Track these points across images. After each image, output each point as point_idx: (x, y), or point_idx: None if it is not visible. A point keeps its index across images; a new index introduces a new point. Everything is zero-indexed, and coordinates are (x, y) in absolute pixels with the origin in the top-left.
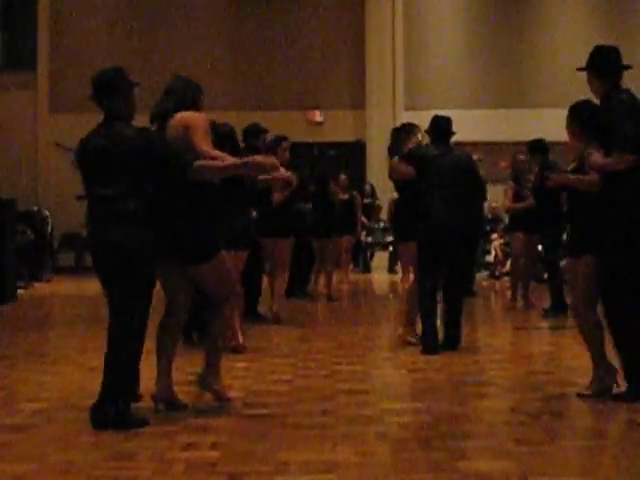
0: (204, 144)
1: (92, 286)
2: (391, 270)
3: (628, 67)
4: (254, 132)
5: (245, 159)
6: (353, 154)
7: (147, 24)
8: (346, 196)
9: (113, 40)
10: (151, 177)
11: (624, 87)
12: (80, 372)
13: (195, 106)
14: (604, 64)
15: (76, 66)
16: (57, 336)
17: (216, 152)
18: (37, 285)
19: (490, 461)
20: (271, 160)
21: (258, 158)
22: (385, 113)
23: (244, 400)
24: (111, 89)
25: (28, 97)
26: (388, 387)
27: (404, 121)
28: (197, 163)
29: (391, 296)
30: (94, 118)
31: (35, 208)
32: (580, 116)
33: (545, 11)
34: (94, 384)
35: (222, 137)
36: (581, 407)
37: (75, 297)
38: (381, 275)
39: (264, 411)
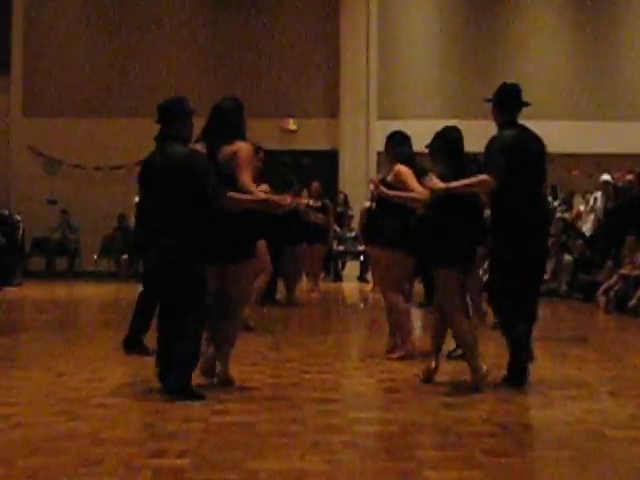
0: (245, 175)
1: (62, 291)
2: (362, 279)
3: (526, 104)
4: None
5: (266, 198)
6: (326, 163)
7: (123, 30)
8: (319, 204)
9: (88, 45)
10: (190, 192)
11: (518, 123)
12: (49, 377)
13: (241, 128)
14: (503, 100)
15: (50, 70)
16: (27, 341)
17: (252, 187)
18: (7, 289)
19: (459, 471)
20: (287, 200)
21: (277, 198)
22: (358, 122)
23: (212, 407)
24: (171, 115)
25: (1, 101)
26: (357, 396)
27: (377, 130)
28: (229, 194)
29: (362, 305)
30: (67, 122)
31: (6, 212)
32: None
33: (520, 18)
34: (63, 389)
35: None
36: (549, 418)
37: (45, 302)
38: (352, 284)
39: (233, 419)
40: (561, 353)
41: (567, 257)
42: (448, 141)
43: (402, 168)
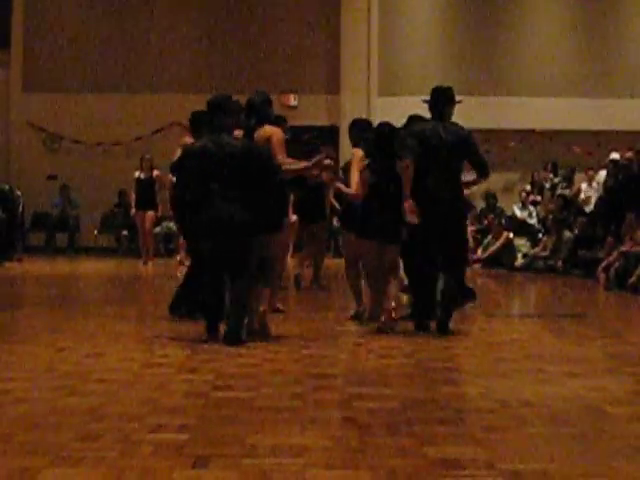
0: (281, 154)
1: (62, 266)
2: None
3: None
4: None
5: (312, 160)
6: (327, 139)
7: (123, 5)
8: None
9: (88, 20)
10: (251, 175)
11: (450, 122)
12: (49, 352)
13: (268, 116)
14: (431, 101)
15: (50, 45)
16: (27, 316)
17: (288, 159)
18: (8, 265)
19: (458, 447)
20: (329, 162)
21: (322, 159)
22: (359, 98)
23: (213, 383)
24: (218, 109)
25: (1, 76)
26: (357, 372)
27: (377, 107)
28: (284, 167)
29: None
30: (67, 98)
31: (6, 187)
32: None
33: None
34: (63, 364)
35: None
36: (548, 394)
37: (45, 277)
38: None
39: (233, 394)
40: (560, 329)
41: (567, 234)
42: (378, 136)
43: (357, 153)
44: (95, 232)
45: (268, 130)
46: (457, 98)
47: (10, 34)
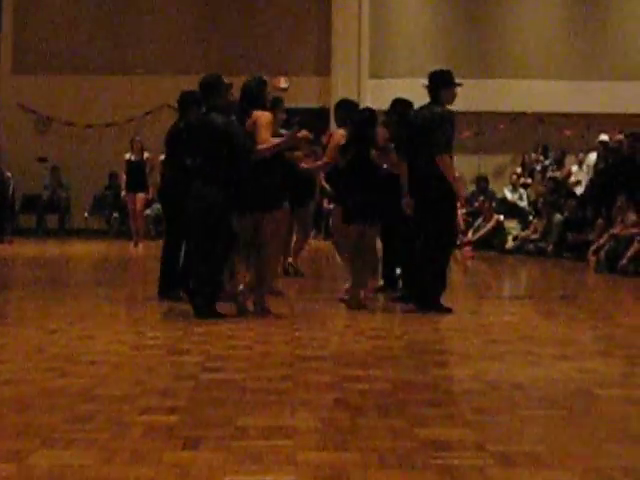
0: (263, 134)
1: (53, 248)
2: None
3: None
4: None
5: (290, 134)
6: (317, 120)
7: None
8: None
9: (79, 1)
10: (228, 154)
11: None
12: (40, 334)
13: (261, 101)
14: (429, 84)
15: (40, 27)
16: (17, 298)
17: (270, 139)
18: None
19: (448, 429)
20: (305, 133)
21: (295, 132)
22: (350, 80)
23: (203, 365)
24: (210, 89)
25: None
26: (347, 354)
27: (368, 89)
28: (257, 147)
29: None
30: (58, 79)
31: None
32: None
33: None
34: (54, 346)
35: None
36: (539, 376)
37: (36, 259)
38: None
39: (223, 376)
40: (551, 312)
41: (558, 216)
42: (359, 120)
43: (337, 134)
44: (85, 214)
45: (256, 115)
46: (457, 81)
47: (0, 16)
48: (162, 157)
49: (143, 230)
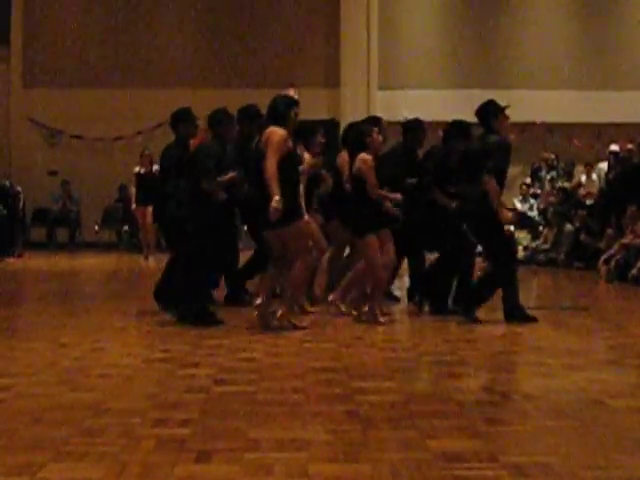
0: (270, 155)
1: (63, 261)
2: None
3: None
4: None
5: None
6: (327, 132)
7: (123, 0)
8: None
9: (88, 15)
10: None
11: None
12: (51, 348)
13: (284, 120)
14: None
15: (50, 40)
16: (28, 311)
17: (271, 172)
18: (8, 260)
19: (460, 440)
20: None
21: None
22: (359, 92)
23: (215, 377)
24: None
25: (1, 71)
26: (359, 365)
27: (377, 100)
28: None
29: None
30: (67, 93)
31: (7, 183)
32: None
33: None
34: (65, 359)
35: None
36: (551, 387)
37: (46, 272)
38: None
39: (235, 388)
40: (562, 322)
41: (568, 226)
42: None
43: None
44: (96, 227)
45: (269, 131)
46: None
47: (10, 30)
48: None
49: (153, 243)
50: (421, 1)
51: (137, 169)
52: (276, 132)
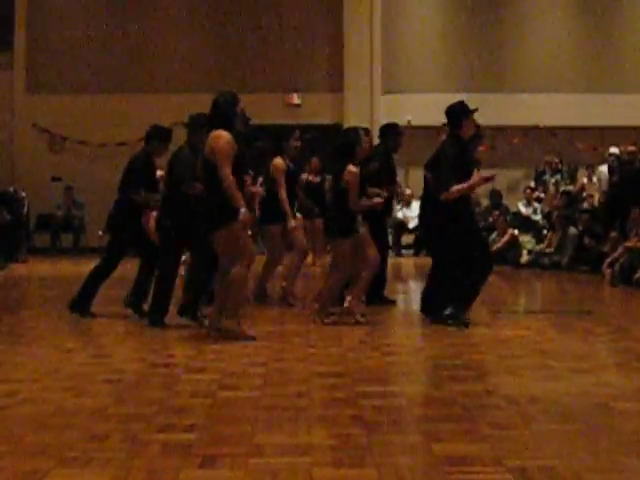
0: (224, 167)
1: (67, 267)
2: None
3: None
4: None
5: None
6: (331, 137)
7: (127, 6)
8: (317, 179)
9: (91, 20)
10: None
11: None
12: (55, 353)
13: (228, 119)
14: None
15: (53, 46)
16: (33, 317)
17: (228, 181)
18: (13, 266)
19: (465, 444)
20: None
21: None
22: (363, 96)
23: (219, 382)
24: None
25: (5, 77)
26: (363, 370)
27: (381, 105)
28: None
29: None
30: (71, 98)
31: (11, 189)
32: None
33: None
34: (70, 365)
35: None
36: (555, 390)
37: (51, 278)
38: None
39: (239, 393)
40: (567, 325)
41: (572, 230)
42: (341, 144)
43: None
44: (100, 233)
45: (213, 136)
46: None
47: (13, 36)
48: None
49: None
50: (424, 5)
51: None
52: (220, 137)
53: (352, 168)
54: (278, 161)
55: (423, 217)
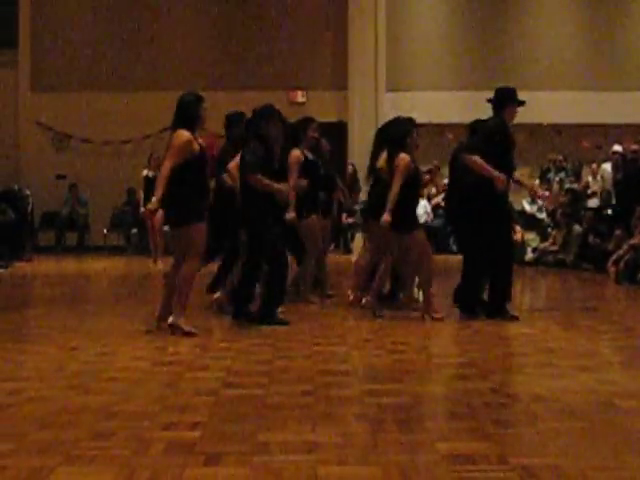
0: (167, 161)
1: (72, 265)
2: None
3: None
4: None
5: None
6: (335, 135)
7: (130, 4)
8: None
9: (95, 18)
10: None
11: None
12: (60, 351)
13: (192, 119)
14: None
15: (57, 44)
16: (37, 315)
17: (163, 173)
18: (17, 264)
19: (469, 442)
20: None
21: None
22: (367, 94)
23: (224, 380)
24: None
25: (9, 76)
26: (368, 368)
27: (385, 102)
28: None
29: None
30: (75, 97)
31: (16, 187)
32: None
33: None
34: (74, 363)
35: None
36: (560, 388)
37: (55, 276)
38: None
39: (244, 391)
40: (571, 323)
41: (577, 227)
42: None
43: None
44: (104, 231)
45: (175, 135)
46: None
47: (17, 34)
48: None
49: (162, 246)
50: (428, 3)
51: (145, 172)
52: (180, 135)
53: (404, 155)
54: (295, 152)
55: (451, 214)
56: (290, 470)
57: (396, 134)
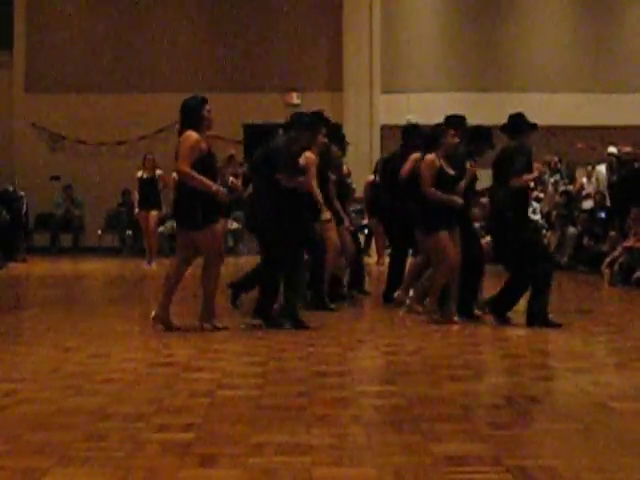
0: (182, 163)
1: (67, 266)
2: (365, 252)
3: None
4: None
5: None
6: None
7: (125, 5)
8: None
9: (90, 20)
10: None
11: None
12: (54, 352)
13: (198, 121)
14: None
15: (52, 46)
16: (32, 317)
17: (184, 174)
18: (12, 265)
19: (464, 444)
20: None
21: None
22: (362, 96)
23: (218, 382)
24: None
25: (4, 77)
26: (363, 370)
27: (380, 104)
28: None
29: (366, 279)
30: (70, 98)
31: (10, 188)
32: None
33: None
34: (69, 364)
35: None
36: (554, 390)
37: (50, 277)
38: None
39: (238, 393)
40: (566, 325)
41: (571, 229)
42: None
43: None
44: (99, 232)
45: (182, 136)
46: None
47: (12, 35)
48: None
49: (157, 248)
50: (424, 4)
51: (140, 174)
52: (188, 137)
53: (430, 156)
54: (310, 155)
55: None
56: (285, 471)
57: (431, 135)
